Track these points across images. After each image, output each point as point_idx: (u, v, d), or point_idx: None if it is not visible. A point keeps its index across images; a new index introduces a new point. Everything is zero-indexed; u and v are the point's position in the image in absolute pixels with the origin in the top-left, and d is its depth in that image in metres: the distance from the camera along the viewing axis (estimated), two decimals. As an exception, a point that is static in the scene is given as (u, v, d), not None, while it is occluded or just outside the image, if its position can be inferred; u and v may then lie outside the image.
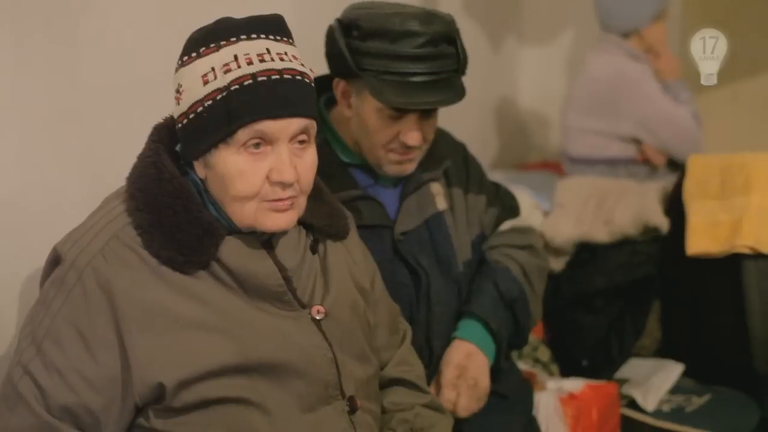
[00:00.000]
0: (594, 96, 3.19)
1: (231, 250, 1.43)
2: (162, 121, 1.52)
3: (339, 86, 1.86)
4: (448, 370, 1.86)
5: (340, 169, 1.87)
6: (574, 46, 4.11)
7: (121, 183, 1.49)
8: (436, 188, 1.97)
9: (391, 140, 1.82)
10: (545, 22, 4.23)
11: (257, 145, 1.39)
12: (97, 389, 1.36)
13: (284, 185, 1.40)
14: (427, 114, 1.82)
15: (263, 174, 1.40)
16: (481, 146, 3.97)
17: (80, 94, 1.85)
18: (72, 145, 1.84)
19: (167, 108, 1.52)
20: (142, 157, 1.48)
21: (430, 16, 1.78)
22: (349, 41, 1.79)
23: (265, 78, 1.37)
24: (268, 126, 1.37)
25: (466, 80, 1.87)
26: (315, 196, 1.53)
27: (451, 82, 1.81)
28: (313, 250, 1.57)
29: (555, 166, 3.70)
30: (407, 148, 1.83)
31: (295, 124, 1.40)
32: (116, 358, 1.37)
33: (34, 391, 1.36)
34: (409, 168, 1.87)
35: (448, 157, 2.01)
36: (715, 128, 3.50)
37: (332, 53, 1.83)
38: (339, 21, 1.83)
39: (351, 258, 1.64)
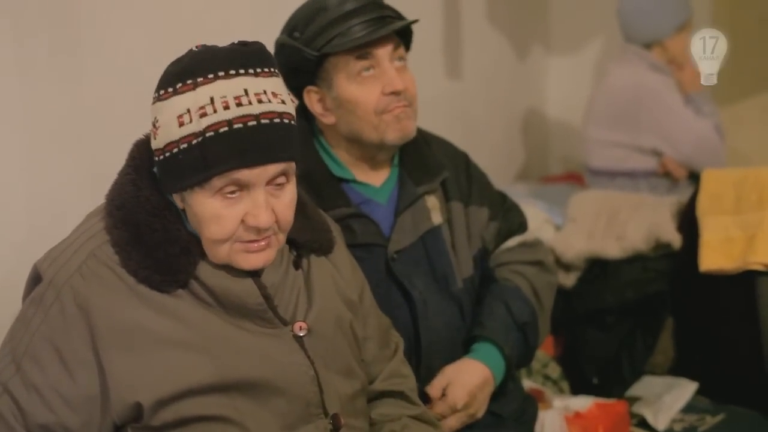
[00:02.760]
0: (615, 107, 3.15)
1: (210, 268, 1.43)
2: (143, 137, 1.51)
3: (311, 98, 1.85)
4: (462, 393, 1.81)
5: (332, 186, 1.85)
6: (602, 56, 4.06)
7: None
8: (432, 202, 1.93)
9: (379, 98, 1.81)
10: (573, 31, 4.18)
11: (233, 192, 1.38)
12: (75, 408, 1.37)
13: (258, 230, 1.40)
14: (399, 60, 1.84)
15: (238, 218, 1.38)
16: (507, 157, 3.95)
17: (84, 105, 1.87)
18: (76, 157, 1.86)
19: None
20: (121, 174, 1.48)
21: None
22: (298, 40, 1.81)
23: (241, 125, 1.35)
24: (243, 174, 1.36)
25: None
26: (298, 212, 1.51)
27: (398, 19, 1.84)
28: (296, 265, 1.55)
29: (579, 178, 3.66)
30: (398, 98, 1.82)
31: (272, 169, 1.38)
32: (94, 377, 1.38)
33: (13, 409, 1.38)
34: (410, 126, 1.85)
35: (445, 168, 1.97)
36: (744, 141, 3.43)
37: (290, 66, 1.81)
38: (279, 40, 1.85)
39: (337, 271, 1.63)
